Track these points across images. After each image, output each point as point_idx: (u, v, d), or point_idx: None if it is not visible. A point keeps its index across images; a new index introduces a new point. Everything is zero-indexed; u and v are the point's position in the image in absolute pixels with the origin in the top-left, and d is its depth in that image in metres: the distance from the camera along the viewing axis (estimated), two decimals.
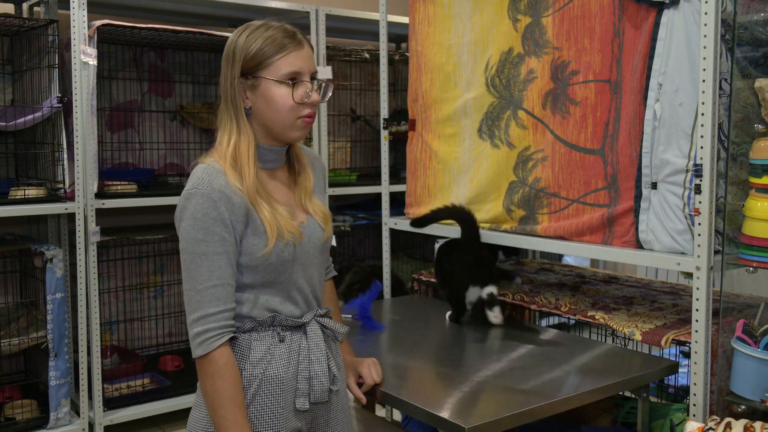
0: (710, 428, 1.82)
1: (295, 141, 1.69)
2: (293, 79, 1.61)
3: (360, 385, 1.90)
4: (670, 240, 2.16)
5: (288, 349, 1.63)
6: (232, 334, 1.57)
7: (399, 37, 4.75)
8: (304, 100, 1.62)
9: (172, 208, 1.64)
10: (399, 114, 3.99)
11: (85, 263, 3.26)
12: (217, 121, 1.67)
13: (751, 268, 1.98)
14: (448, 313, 2.53)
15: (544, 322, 3.97)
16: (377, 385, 1.90)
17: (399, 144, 3.85)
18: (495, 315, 2.41)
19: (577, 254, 2.43)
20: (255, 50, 1.60)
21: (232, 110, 1.63)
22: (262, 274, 1.60)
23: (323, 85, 1.67)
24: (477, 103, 2.72)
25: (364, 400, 1.89)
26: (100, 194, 3.32)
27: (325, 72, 3.96)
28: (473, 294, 2.45)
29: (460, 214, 2.56)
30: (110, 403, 3.42)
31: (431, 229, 2.93)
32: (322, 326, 1.70)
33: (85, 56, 3.18)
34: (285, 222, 1.61)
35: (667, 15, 2.13)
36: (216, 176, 1.57)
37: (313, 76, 1.65)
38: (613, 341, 2.62)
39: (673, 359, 2.18)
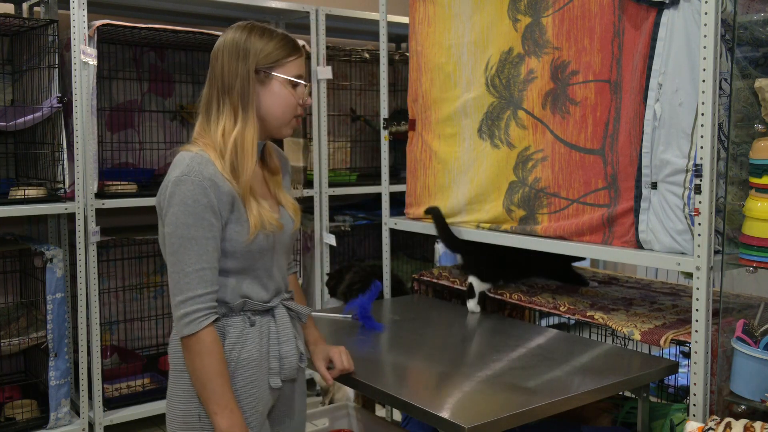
0: (710, 428, 1.83)
1: (285, 136, 1.82)
2: (298, 81, 1.76)
3: (329, 369, 1.99)
4: (670, 240, 2.16)
5: (259, 332, 1.73)
6: (216, 315, 1.66)
7: (399, 37, 4.75)
8: (302, 100, 1.79)
9: None
10: (399, 114, 3.99)
11: (85, 263, 3.27)
12: (203, 110, 1.75)
13: (751, 268, 1.98)
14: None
15: (543, 322, 3.97)
16: (350, 374, 1.98)
17: (399, 144, 3.84)
18: (471, 304, 2.69)
19: (577, 254, 2.43)
20: (271, 50, 1.73)
21: (238, 102, 1.71)
22: (241, 261, 1.69)
23: (310, 91, 1.81)
24: (477, 103, 2.72)
25: (330, 380, 1.97)
26: (100, 194, 3.32)
27: (325, 72, 3.96)
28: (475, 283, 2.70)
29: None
30: (110, 403, 3.42)
31: (431, 229, 2.93)
32: (287, 308, 1.81)
33: (85, 56, 3.18)
34: (268, 215, 1.71)
35: (667, 15, 2.13)
36: (205, 164, 1.65)
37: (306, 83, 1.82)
38: (612, 341, 2.62)
39: (673, 359, 2.18)
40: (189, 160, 1.64)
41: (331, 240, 3.97)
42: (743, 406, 1.96)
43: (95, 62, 3.20)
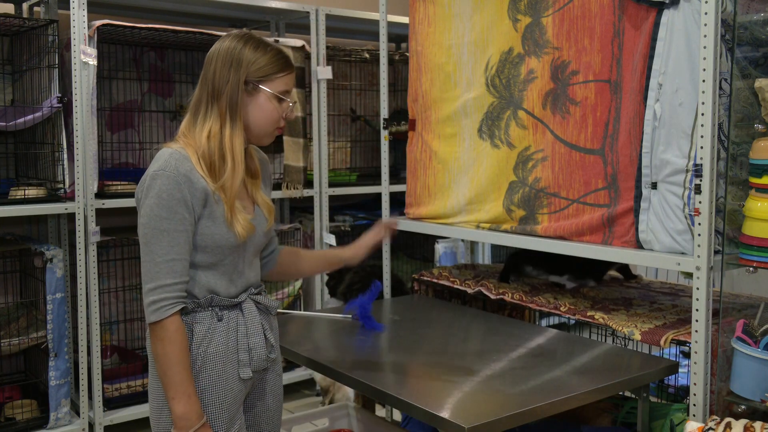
0: (710, 428, 1.83)
1: (265, 145, 1.90)
2: (284, 97, 1.83)
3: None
4: (670, 240, 2.16)
5: (226, 326, 1.78)
6: (183, 305, 1.72)
7: (399, 37, 4.75)
8: (285, 114, 1.86)
9: None
10: (399, 114, 4.00)
11: (85, 263, 3.27)
12: (192, 110, 1.81)
13: (751, 268, 1.98)
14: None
15: (544, 322, 3.98)
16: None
17: (399, 144, 3.85)
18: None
19: (577, 254, 2.43)
20: (263, 64, 1.78)
21: (225, 108, 1.78)
22: (210, 255, 1.75)
23: (293, 105, 1.89)
24: (477, 103, 2.72)
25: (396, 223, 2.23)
26: (100, 194, 3.32)
27: (325, 72, 3.96)
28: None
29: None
30: (110, 403, 3.42)
31: (431, 229, 2.93)
32: (255, 303, 1.86)
33: (85, 56, 3.18)
34: (243, 219, 1.77)
35: (667, 15, 2.13)
36: (182, 161, 1.71)
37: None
38: (613, 341, 2.62)
39: (673, 359, 2.18)
40: (168, 156, 1.72)
41: (331, 240, 3.97)
42: (743, 406, 1.96)
43: (95, 62, 3.20)
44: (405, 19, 3.15)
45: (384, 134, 3.17)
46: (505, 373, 2.03)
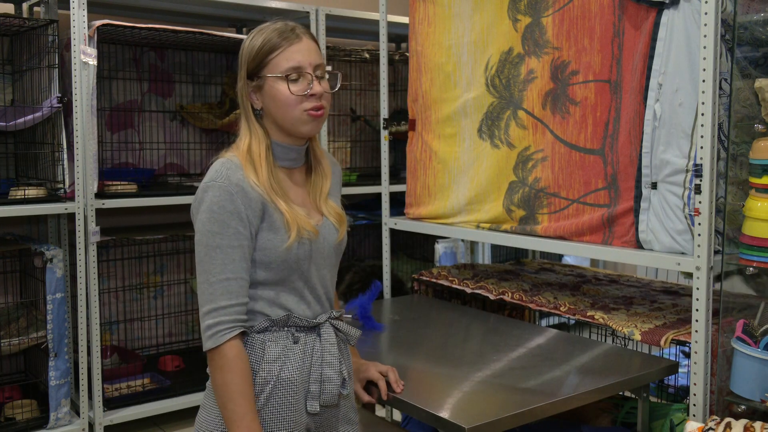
0: (710, 428, 1.83)
1: (307, 135, 1.68)
2: (294, 73, 1.61)
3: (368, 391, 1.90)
4: (670, 240, 2.16)
5: (302, 350, 1.62)
6: (242, 329, 1.56)
7: (399, 37, 4.75)
8: (305, 92, 1.62)
9: (172, 208, 1.65)
10: (399, 114, 4.00)
11: (85, 263, 3.26)
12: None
13: (751, 268, 1.98)
14: None
15: (544, 322, 3.98)
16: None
17: (399, 144, 3.85)
18: None
19: (577, 254, 2.43)
20: (256, 51, 1.63)
21: (243, 113, 1.67)
22: (276, 271, 1.60)
23: (327, 76, 1.66)
24: (477, 103, 2.72)
25: (373, 400, 1.89)
26: (100, 194, 3.32)
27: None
28: None
29: None
30: (110, 403, 3.42)
31: (431, 229, 2.93)
32: (335, 329, 1.69)
33: (85, 56, 3.18)
34: (302, 220, 1.61)
35: (667, 15, 2.13)
36: (234, 170, 1.58)
37: (317, 69, 1.64)
38: (612, 341, 2.61)
39: (673, 359, 2.18)
40: (219, 166, 1.59)
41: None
42: (743, 406, 1.95)
43: (95, 62, 3.20)
44: (405, 19, 3.15)
45: (384, 134, 3.17)
46: (505, 373, 2.03)
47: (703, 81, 1.98)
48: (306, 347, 1.63)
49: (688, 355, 2.12)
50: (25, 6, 3.55)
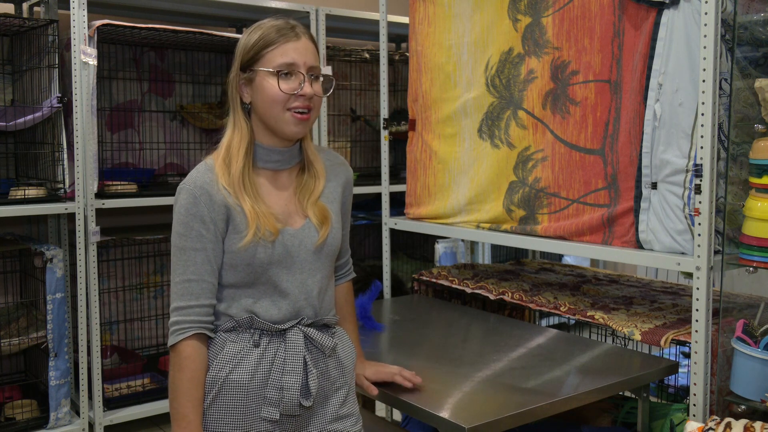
0: (710, 428, 1.83)
1: (291, 137, 1.64)
2: (286, 70, 1.58)
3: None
4: (670, 240, 2.16)
5: (261, 355, 1.59)
6: (200, 331, 1.56)
7: (399, 37, 4.75)
8: (294, 91, 1.58)
9: (172, 208, 1.65)
10: (399, 114, 4.00)
11: (85, 263, 3.27)
12: None
13: (751, 268, 1.98)
14: None
15: (544, 322, 3.98)
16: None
17: (399, 144, 3.85)
18: None
19: (577, 254, 2.43)
20: (252, 44, 1.60)
21: (231, 105, 1.65)
22: (242, 274, 1.59)
23: (321, 79, 1.64)
24: (477, 103, 2.72)
25: (376, 391, 1.89)
26: (100, 194, 3.32)
27: (324, 72, 3.96)
28: None
29: None
30: (110, 403, 3.42)
31: (431, 229, 2.93)
32: (306, 335, 1.63)
33: (85, 56, 3.18)
34: (264, 220, 1.58)
35: (667, 15, 2.13)
36: (205, 173, 1.59)
37: (311, 70, 1.62)
38: (613, 341, 2.62)
39: (673, 359, 2.18)
40: (194, 169, 1.61)
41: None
42: (743, 406, 1.95)
43: (95, 62, 3.20)
44: (405, 19, 3.15)
45: (384, 134, 3.17)
46: (505, 373, 2.03)
47: (703, 81, 1.98)
48: (267, 352, 1.59)
49: (688, 355, 2.12)
50: (25, 6, 3.55)
